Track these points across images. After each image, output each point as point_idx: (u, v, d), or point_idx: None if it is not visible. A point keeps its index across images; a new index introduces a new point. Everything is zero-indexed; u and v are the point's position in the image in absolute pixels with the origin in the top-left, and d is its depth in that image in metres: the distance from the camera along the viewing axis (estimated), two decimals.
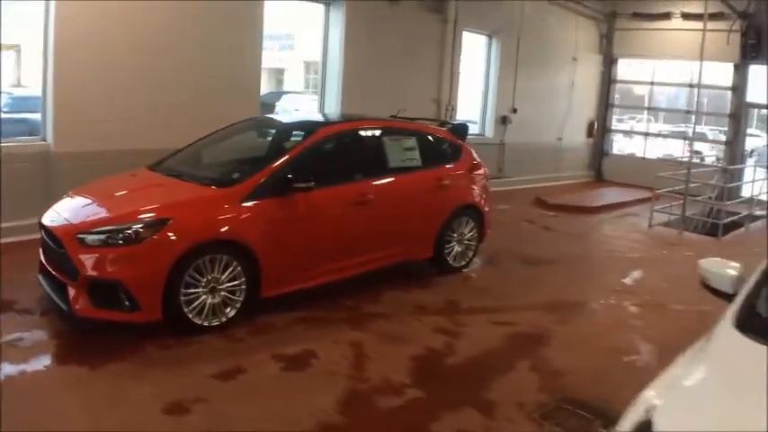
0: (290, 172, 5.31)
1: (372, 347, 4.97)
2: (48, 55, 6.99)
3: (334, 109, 9.92)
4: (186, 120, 7.41)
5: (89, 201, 5.31)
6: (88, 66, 7.09)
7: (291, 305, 5.49)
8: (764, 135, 16.96)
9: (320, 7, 9.96)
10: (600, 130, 16.69)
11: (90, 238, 4.71)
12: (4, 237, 6.50)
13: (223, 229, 4.97)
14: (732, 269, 3.23)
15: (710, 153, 17.63)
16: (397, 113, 7.24)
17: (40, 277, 5.25)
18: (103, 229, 4.75)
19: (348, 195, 5.80)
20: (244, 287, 5.09)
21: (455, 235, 6.89)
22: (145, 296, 4.65)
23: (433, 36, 11.36)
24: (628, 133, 18.08)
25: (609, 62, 16.58)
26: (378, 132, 6.42)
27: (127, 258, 4.65)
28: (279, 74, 24.94)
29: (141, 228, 4.70)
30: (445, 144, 7.01)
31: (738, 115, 15.58)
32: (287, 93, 20.83)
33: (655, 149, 16.82)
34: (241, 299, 5.09)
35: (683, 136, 15.70)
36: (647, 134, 16.98)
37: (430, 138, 6.90)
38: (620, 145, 17.97)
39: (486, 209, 7.21)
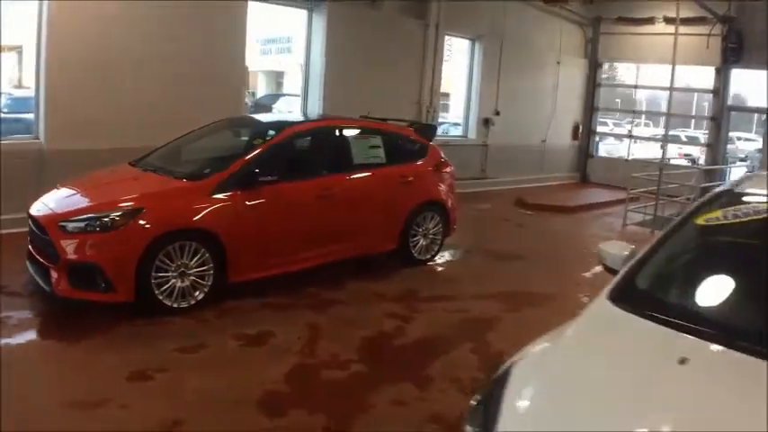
0: (257, 167, 5.74)
1: (327, 329, 5.39)
2: (41, 56, 7.42)
3: (316, 111, 10.32)
4: (172, 119, 7.73)
5: (72, 192, 5.77)
6: (79, 67, 7.51)
7: (258, 292, 5.92)
8: (761, 140, 17.15)
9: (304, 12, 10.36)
10: (585, 133, 17.03)
11: (71, 225, 5.18)
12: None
13: (191, 219, 5.41)
14: (625, 250, 3.48)
15: (702, 156, 17.98)
16: (367, 114, 7.64)
17: (28, 263, 5.70)
18: (83, 217, 5.21)
19: (312, 189, 6.23)
20: (211, 272, 5.52)
21: (420, 229, 7.29)
22: (118, 278, 5.10)
23: (414, 40, 11.77)
24: (610, 136, 18.39)
25: (594, 66, 16.92)
26: (343, 131, 6.85)
27: (103, 244, 5.12)
28: (278, 77, 25.21)
29: (117, 216, 5.15)
30: (411, 143, 7.43)
31: (719, 118, 15.87)
32: (284, 95, 21.20)
33: (648, 152, 17.12)
34: (209, 283, 5.52)
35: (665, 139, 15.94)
36: (630, 136, 17.32)
37: (395, 137, 7.32)
38: (608, 147, 18.33)
39: (451, 205, 7.58)
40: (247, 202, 5.71)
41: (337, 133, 6.84)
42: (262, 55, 23.42)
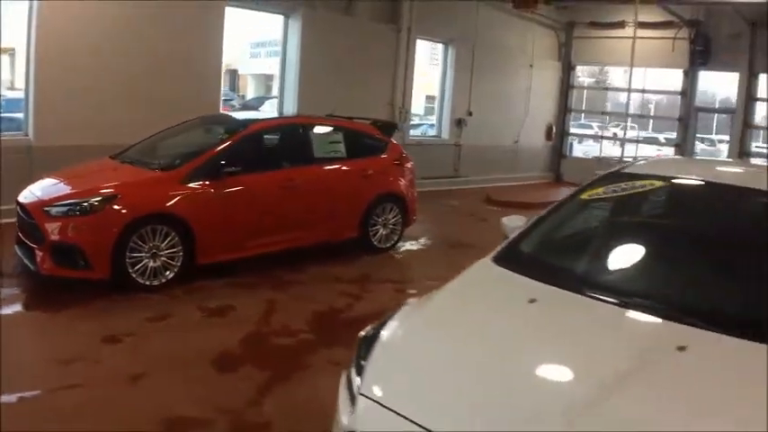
0: (223, 159, 6.39)
1: (284, 304, 6.03)
2: (30, 57, 8.03)
3: (291, 111, 10.96)
4: (153, 117, 8.22)
5: (57, 181, 6.38)
6: (66, 68, 8.12)
7: (225, 273, 6.54)
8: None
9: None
10: (558, 134, 17.67)
11: (54, 209, 5.81)
12: None
13: (162, 205, 6.04)
14: (521, 222, 3.95)
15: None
16: (332, 112, 8.28)
17: (16, 247, 6.32)
18: (65, 202, 5.84)
19: (275, 180, 6.87)
20: (181, 254, 6.15)
21: (379, 219, 7.93)
22: (96, 258, 5.73)
23: (387, 44, 12.43)
24: (586, 137, 19.05)
25: (567, 69, 17.58)
26: (306, 128, 7.51)
27: (83, 226, 5.74)
28: (268, 80, 25.71)
29: (95, 202, 5.79)
30: (372, 139, 8.07)
31: (686, 119, 16.55)
32: (271, 98, 21.75)
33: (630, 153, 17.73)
34: (178, 264, 6.15)
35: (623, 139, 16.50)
36: (601, 137, 17.98)
37: (356, 133, 7.96)
38: (587, 148, 18.96)
39: (410, 197, 8.21)
40: (214, 191, 6.33)
41: (300, 130, 7.48)
42: (251, 58, 24.05)
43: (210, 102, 9.36)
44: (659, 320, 2.59)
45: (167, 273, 6.11)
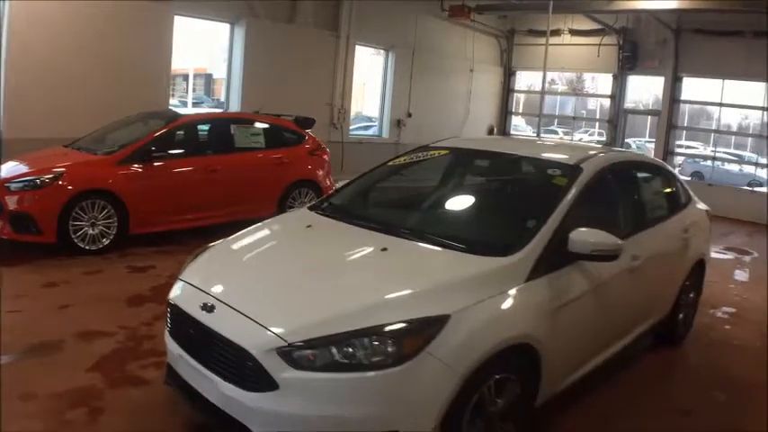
0: (153, 146, 7.81)
1: None
2: (1, 56, 9.32)
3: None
4: (107, 114, 9.36)
5: (17, 164, 7.73)
6: (33, 69, 9.48)
7: (156, 242, 7.96)
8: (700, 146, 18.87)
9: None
10: (500, 134, 19.16)
11: (13, 185, 7.19)
12: None
13: (100, 182, 7.43)
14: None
15: None
16: (258, 110, 9.72)
17: None
18: (22, 179, 7.21)
19: (199, 165, 8.27)
20: (116, 225, 7.55)
21: (296, 202, 9.30)
22: (45, 225, 7.11)
23: (327, 50, 13.85)
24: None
25: (508, 74, 19.06)
26: (229, 122, 8.98)
27: (35, 199, 7.12)
28: None
29: (46, 179, 7.18)
30: (290, 132, 9.49)
31: (615, 121, 18.04)
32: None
33: None
34: (113, 233, 7.54)
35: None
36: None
37: (275, 127, 9.37)
38: None
39: (324, 184, 9.63)
40: (144, 172, 7.74)
41: (224, 124, 8.93)
42: (223, 63, 25.32)
43: (159, 101, 10.75)
44: (380, 234, 3.98)
45: (104, 240, 7.50)
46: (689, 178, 17.44)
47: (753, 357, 6.07)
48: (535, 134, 19.14)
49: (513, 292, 3.42)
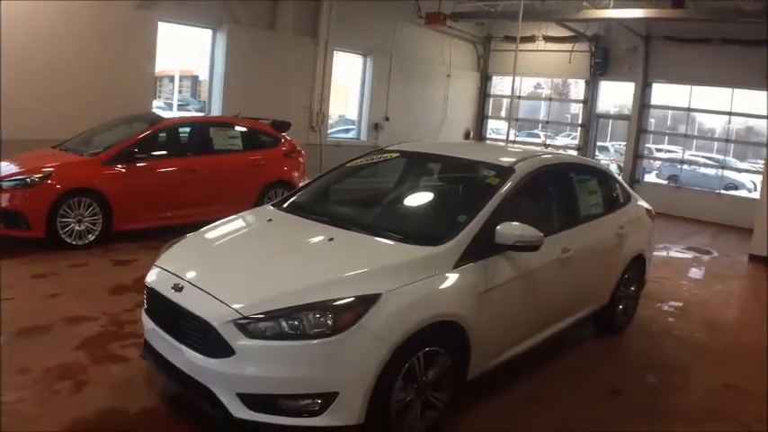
0: (136, 148, 8.33)
1: None
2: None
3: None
4: (96, 116, 9.77)
5: (9, 164, 8.23)
6: (23, 72, 9.97)
7: (139, 239, 8.47)
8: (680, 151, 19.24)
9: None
10: (476, 138, 19.73)
11: (5, 183, 7.68)
12: None
13: (86, 181, 7.94)
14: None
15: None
16: (237, 114, 10.26)
17: None
18: (14, 178, 7.70)
19: (180, 166, 8.80)
20: (101, 221, 8.07)
21: (272, 200, 9.87)
22: (34, 221, 7.61)
23: (306, 56, 14.39)
24: (497, 140, 21.04)
25: (484, 79, 19.65)
26: (208, 125, 9.50)
27: (25, 196, 7.62)
28: None
29: (36, 178, 7.68)
30: (266, 135, 10.04)
31: (587, 125, 18.66)
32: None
33: None
34: (99, 229, 8.06)
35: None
36: (513, 142, 19.96)
37: (252, 130, 9.91)
38: None
39: (299, 184, 10.16)
40: (127, 172, 8.26)
41: (203, 127, 9.45)
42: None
43: (144, 104, 11.27)
44: (330, 226, 4.53)
45: (90, 236, 8.02)
46: (665, 181, 18.11)
47: (689, 346, 6.64)
48: (517, 137, 19.78)
49: (441, 276, 3.99)
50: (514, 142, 19.76)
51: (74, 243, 7.90)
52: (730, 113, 16.57)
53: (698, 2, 13.41)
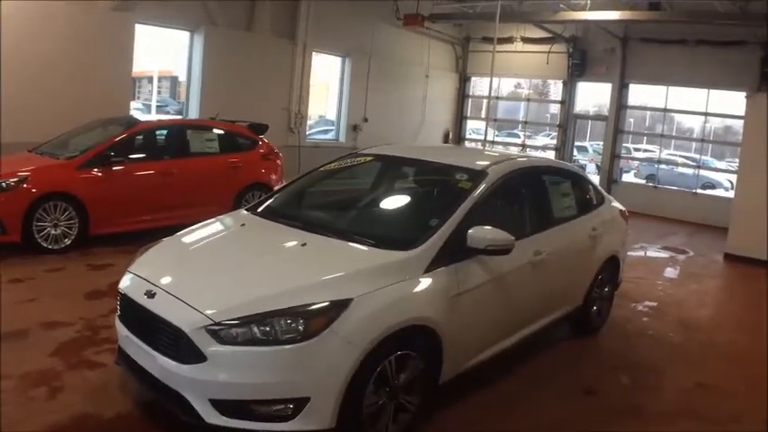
0: (111, 151, 8.31)
1: None
2: None
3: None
4: (74, 119, 9.75)
5: None
6: (6, 78, 9.87)
7: (115, 243, 8.44)
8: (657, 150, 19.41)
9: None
10: (455, 139, 19.81)
11: None
12: None
13: (61, 185, 7.90)
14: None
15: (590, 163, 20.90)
16: (215, 116, 10.26)
17: None
18: None
19: (156, 169, 8.79)
20: (77, 225, 8.04)
21: (251, 203, 9.86)
22: (10, 225, 7.56)
23: (284, 57, 14.39)
24: (476, 141, 21.18)
25: (463, 80, 19.73)
26: (185, 128, 9.49)
27: (1, 201, 7.54)
28: None
29: (12, 182, 7.63)
30: (243, 138, 10.04)
31: (565, 125, 18.80)
32: None
33: None
34: (74, 233, 8.02)
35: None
36: (492, 142, 20.10)
37: (229, 133, 9.91)
38: None
39: (276, 186, 10.16)
40: (103, 176, 8.23)
41: (180, 130, 9.43)
42: None
43: (121, 106, 11.22)
44: (303, 231, 4.56)
45: (66, 240, 7.99)
46: (644, 181, 18.29)
47: (663, 346, 6.72)
48: (496, 137, 19.87)
49: (412, 281, 4.04)
50: (494, 143, 19.94)
51: (50, 247, 7.86)
52: (706, 114, 16.71)
53: (674, 3, 13.54)
